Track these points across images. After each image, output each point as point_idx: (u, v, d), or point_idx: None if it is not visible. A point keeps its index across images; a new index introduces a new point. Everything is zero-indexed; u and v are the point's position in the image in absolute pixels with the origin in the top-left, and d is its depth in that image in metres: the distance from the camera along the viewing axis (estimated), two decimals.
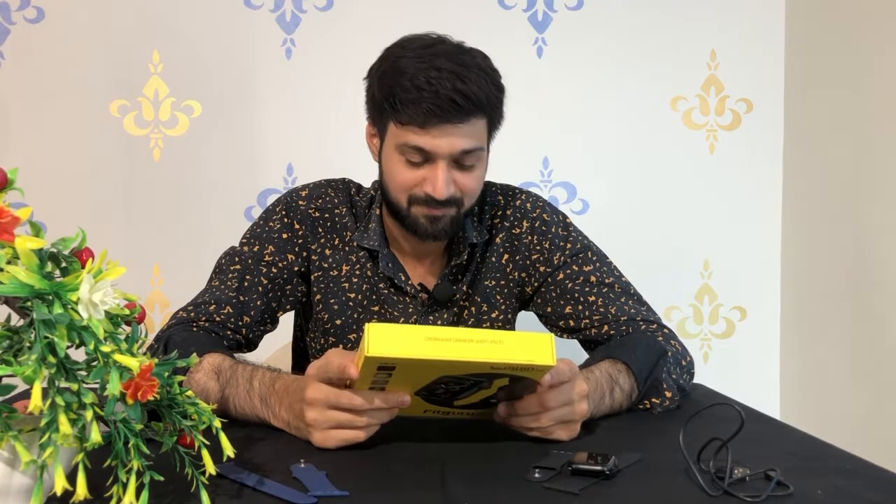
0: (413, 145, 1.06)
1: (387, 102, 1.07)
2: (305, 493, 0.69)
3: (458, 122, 1.04)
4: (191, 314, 1.10)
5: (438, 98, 1.02)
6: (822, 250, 1.83)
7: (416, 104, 1.03)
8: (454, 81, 1.03)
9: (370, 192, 1.24)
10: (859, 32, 1.70)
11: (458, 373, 0.81)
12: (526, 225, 1.23)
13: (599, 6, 1.97)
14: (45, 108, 1.88)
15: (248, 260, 1.16)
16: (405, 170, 1.09)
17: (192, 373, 0.96)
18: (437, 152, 1.06)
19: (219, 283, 1.15)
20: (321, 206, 1.21)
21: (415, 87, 1.03)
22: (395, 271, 1.18)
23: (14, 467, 0.59)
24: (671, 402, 1.04)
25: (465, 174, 1.10)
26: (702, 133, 1.99)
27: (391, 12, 1.94)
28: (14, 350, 0.58)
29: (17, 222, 0.57)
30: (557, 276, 1.20)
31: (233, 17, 1.91)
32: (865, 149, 1.67)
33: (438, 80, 1.02)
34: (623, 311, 1.15)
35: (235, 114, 1.92)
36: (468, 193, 1.12)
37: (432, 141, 1.05)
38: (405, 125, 1.06)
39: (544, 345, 0.81)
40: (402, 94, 1.04)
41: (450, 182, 1.08)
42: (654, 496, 0.72)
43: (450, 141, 1.05)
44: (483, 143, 1.11)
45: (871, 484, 0.76)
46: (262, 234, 1.19)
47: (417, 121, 1.04)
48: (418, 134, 1.05)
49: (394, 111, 1.06)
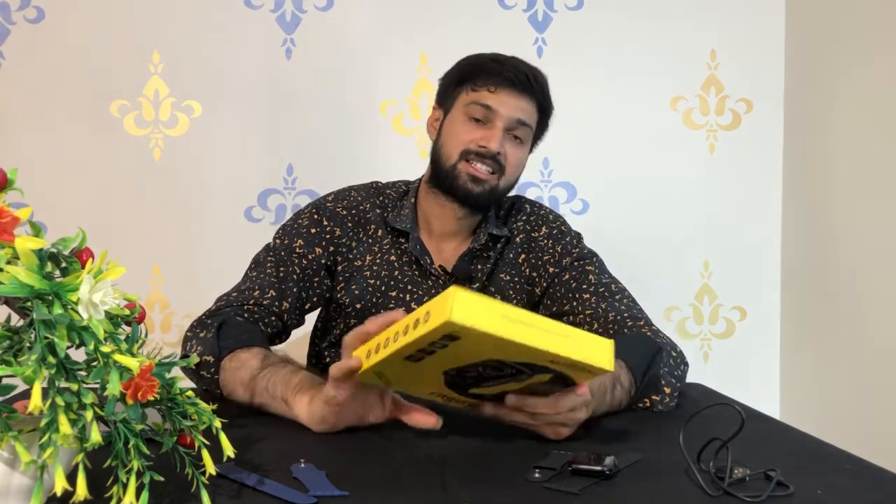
0: (483, 103, 1.23)
1: (468, 71, 1.26)
2: (305, 493, 0.69)
3: (522, 93, 1.24)
4: (238, 298, 1.17)
5: (516, 70, 1.24)
6: (822, 250, 1.83)
7: (495, 72, 1.24)
8: (527, 66, 1.26)
9: (401, 186, 1.37)
10: (859, 32, 1.70)
11: (513, 358, 0.78)
12: (544, 230, 1.34)
13: (599, 6, 1.97)
14: (45, 108, 1.88)
15: (281, 252, 1.25)
16: (466, 126, 1.24)
17: (238, 352, 1.04)
18: (499, 112, 1.23)
19: (257, 273, 1.23)
20: (347, 206, 1.31)
21: (496, 61, 1.25)
22: (421, 253, 1.28)
23: (14, 467, 0.59)
24: (671, 399, 1.07)
25: (513, 146, 1.26)
26: (702, 133, 1.99)
27: (391, 12, 1.94)
28: (14, 350, 0.58)
29: (17, 222, 0.57)
30: (563, 277, 1.29)
31: (233, 17, 1.91)
32: (865, 149, 1.67)
33: (515, 61, 1.27)
34: (612, 308, 1.20)
35: (235, 114, 1.92)
36: (511, 164, 1.25)
37: (498, 102, 1.23)
38: (478, 89, 1.24)
39: (606, 349, 0.81)
40: (484, 64, 1.25)
41: (502, 143, 1.23)
42: (654, 496, 0.72)
43: (512, 107, 1.23)
44: (533, 125, 1.28)
45: (871, 484, 0.76)
46: (292, 230, 1.28)
47: (491, 83, 1.23)
48: (488, 95, 1.23)
49: (472, 77, 1.25)
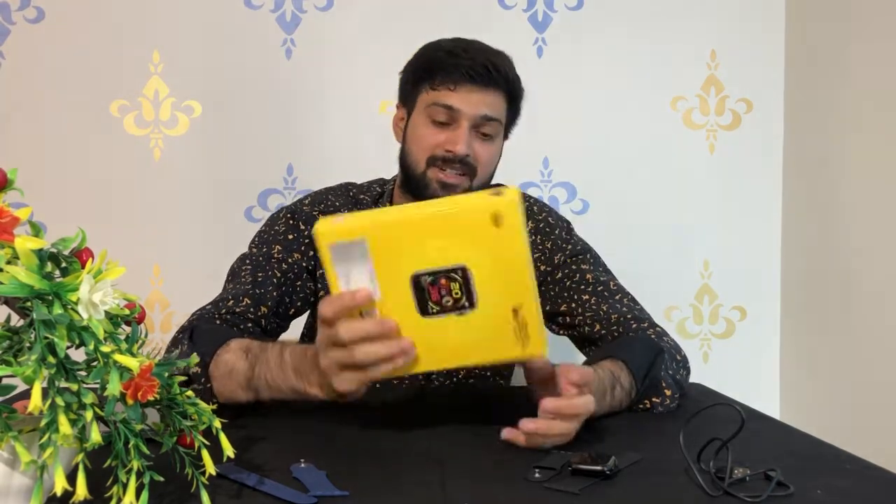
0: (443, 104, 1.16)
1: (424, 70, 1.19)
2: (305, 493, 0.69)
3: (486, 87, 1.16)
4: (210, 310, 1.13)
5: (474, 62, 1.15)
6: (821, 250, 1.83)
7: (452, 67, 1.15)
8: (486, 55, 1.17)
9: (375, 188, 1.31)
10: (860, 32, 1.70)
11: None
12: (531, 225, 1.27)
13: (599, 6, 1.97)
14: (45, 107, 1.88)
15: (258, 259, 1.20)
16: (430, 130, 1.18)
17: (220, 354, 0.97)
18: (462, 111, 1.16)
19: (233, 284, 1.18)
20: (324, 210, 1.26)
21: (452, 54, 1.16)
22: None
23: (14, 468, 0.59)
24: (671, 401, 1.05)
25: (482, 144, 1.18)
26: (702, 133, 1.99)
27: (391, 12, 1.94)
28: (14, 350, 0.57)
29: (16, 222, 0.57)
30: (556, 275, 1.23)
31: (233, 17, 1.91)
32: (865, 149, 1.67)
33: (474, 51, 1.17)
34: (615, 310, 1.16)
35: (235, 114, 1.92)
36: (482, 163, 1.19)
37: (460, 100, 1.16)
38: (437, 88, 1.17)
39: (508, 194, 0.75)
40: (440, 60, 1.17)
41: (469, 144, 1.16)
42: (654, 496, 0.72)
43: (476, 103, 1.16)
44: (502, 118, 1.20)
45: (871, 484, 0.76)
46: (268, 237, 1.23)
47: (450, 81, 1.16)
48: (449, 94, 1.16)
49: (429, 76, 1.18)
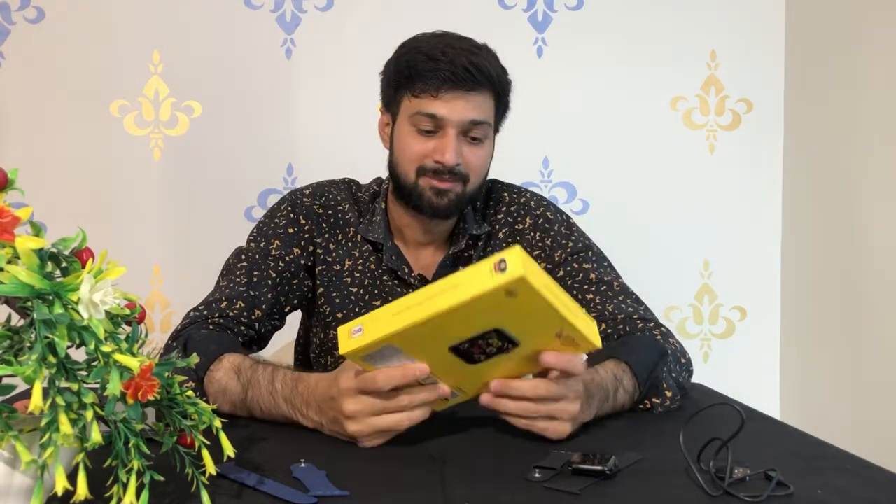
0: (426, 112, 1.11)
1: (403, 76, 1.13)
2: (305, 493, 0.69)
3: (470, 90, 1.10)
4: (203, 312, 1.11)
5: (454, 66, 1.08)
6: (821, 250, 1.83)
7: (432, 73, 1.09)
8: (468, 55, 1.10)
9: (372, 188, 1.27)
10: (859, 32, 1.70)
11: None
12: (529, 221, 1.25)
13: (599, 6, 1.97)
14: (45, 108, 1.88)
15: (255, 256, 1.17)
16: (416, 140, 1.13)
17: (213, 371, 0.97)
18: (448, 118, 1.10)
19: (227, 281, 1.16)
20: (325, 203, 1.23)
21: (431, 58, 1.10)
22: (398, 263, 1.20)
23: (14, 467, 0.59)
24: (672, 402, 1.04)
25: (472, 148, 1.14)
26: (702, 133, 1.99)
27: (391, 12, 1.94)
28: (14, 350, 0.57)
29: (17, 222, 0.57)
30: (558, 274, 1.20)
31: (233, 17, 1.91)
32: (865, 149, 1.67)
33: (453, 52, 1.10)
34: (620, 310, 1.14)
35: (235, 114, 1.92)
36: (474, 169, 1.15)
37: (444, 107, 1.10)
38: (419, 95, 1.11)
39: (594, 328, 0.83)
40: (418, 65, 1.10)
41: (458, 152, 1.12)
42: (654, 496, 0.72)
43: (461, 109, 1.10)
44: (491, 119, 1.15)
45: (871, 484, 0.76)
46: (268, 230, 1.21)
47: (432, 88, 1.10)
48: (432, 102, 1.10)
49: (409, 83, 1.12)
